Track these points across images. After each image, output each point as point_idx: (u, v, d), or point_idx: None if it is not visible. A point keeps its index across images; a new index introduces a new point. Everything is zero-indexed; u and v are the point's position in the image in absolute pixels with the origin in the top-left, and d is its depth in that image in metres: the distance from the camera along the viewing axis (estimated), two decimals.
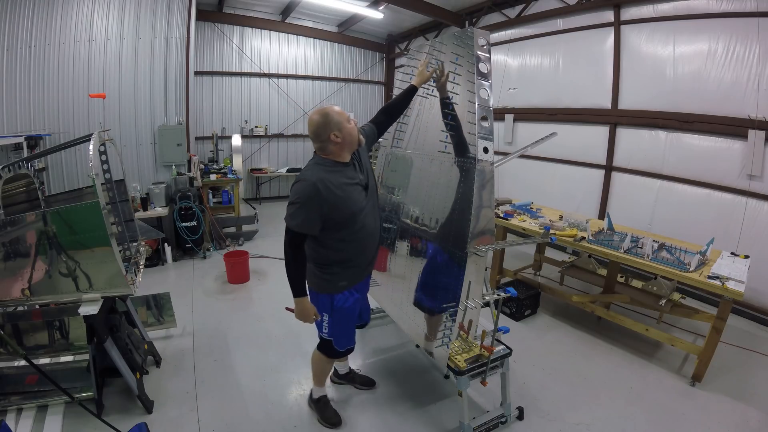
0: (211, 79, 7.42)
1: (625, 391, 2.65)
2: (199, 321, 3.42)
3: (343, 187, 1.81)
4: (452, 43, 2.21)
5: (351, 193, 1.84)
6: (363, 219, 1.90)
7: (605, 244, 3.08)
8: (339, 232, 1.87)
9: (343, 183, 1.82)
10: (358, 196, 1.87)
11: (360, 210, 1.87)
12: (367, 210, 1.92)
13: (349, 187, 1.83)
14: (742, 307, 3.66)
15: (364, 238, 1.95)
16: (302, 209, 1.74)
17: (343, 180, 1.82)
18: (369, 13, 6.85)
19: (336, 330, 2.05)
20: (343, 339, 2.10)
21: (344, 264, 1.96)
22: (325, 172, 1.79)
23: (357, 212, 1.86)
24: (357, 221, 1.88)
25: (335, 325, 2.04)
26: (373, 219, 1.99)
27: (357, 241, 1.93)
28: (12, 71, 4.24)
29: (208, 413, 2.37)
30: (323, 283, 1.98)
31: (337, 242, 1.89)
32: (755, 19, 3.54)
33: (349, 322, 2.10)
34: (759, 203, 3.64)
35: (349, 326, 2.12)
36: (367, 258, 2.05)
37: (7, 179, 2.45)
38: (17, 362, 2.52)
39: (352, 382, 2.64)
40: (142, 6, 4.77)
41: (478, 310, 2.08)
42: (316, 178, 1.75)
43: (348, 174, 1.86)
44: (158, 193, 4.83)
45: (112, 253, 2.04)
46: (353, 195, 1.85)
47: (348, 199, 1.82)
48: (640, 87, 4.50)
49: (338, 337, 2.07)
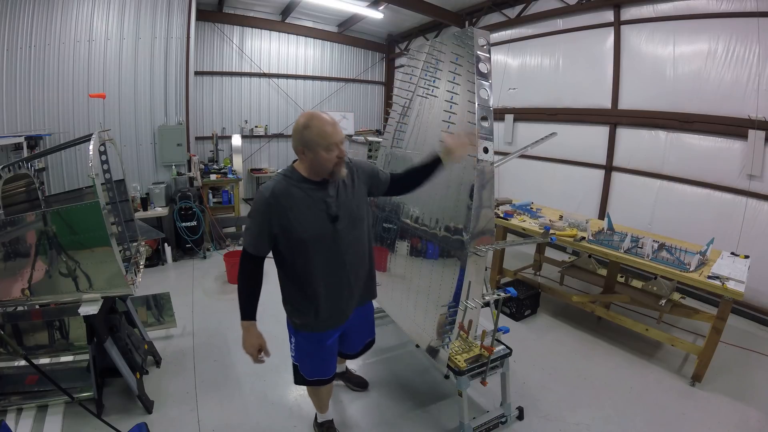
0: (211, 79, 7.42)
1: (625, 391, 2.65)
2: (199, 321, 3.42)
3: (301, 208, 1.57)
4: (452, 43, 2.21)
5: (308, 219, 1.58)
6: (319, 254, 1.62)
7: (605, 244, 3.08)
8: (287, 260, 1.65)
9: (304, 204, 1.58)
10: (317, 224, 1.60)
11: (314, 240, 1.60)
12: (328, 245, 1.63)
13: (308, 211, 1.58)
14: (742, 307, 3.66)
15: (318, 279, 1.65)
16: (253, 225, 1.59)
17: (304, 201, 1.58)
18: (369, 13, 6.85)
19: (300, 355, 1.86)
20: (308, 368, 1.87)
21: (295, 302, 1.74)
22: (287, 187, 1.58)
23: (309, 241, 1.59)
24: (309, 253, 1.61)
25: (299, 349, 1.85)
26: (336, 257, 1.66)
27: (309, 281, 1.66)
28: (12, 71, 4.24)
29: (208, 413, 2.37)
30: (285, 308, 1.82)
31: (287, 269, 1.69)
32: (755, 19, 3.54)
33: (315, 352, 1.85)
34: (759, 203, 3.64)
35: (315, 357, 1.86)
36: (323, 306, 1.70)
37: (7, 179, 2.45)
38: (17, 362, 2.52)
39: (346, 381, 2.63)
40: (142, 6, 4.76)
41: (478, 310, 2.08)
42: (271, 192, 1.55)
43: (316, 197, 1.60)
44: (158, 193, 4.83)
45: (112, 253, 2.04)
46: (310, 221, 1.58)
47: (300, 224, 1.57)
48: (640, 87, 4.50)
49: (303, 363, 1.87)
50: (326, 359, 1.90)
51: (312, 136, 1.52)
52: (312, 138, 1.52)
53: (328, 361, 1.91)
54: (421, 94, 2.51)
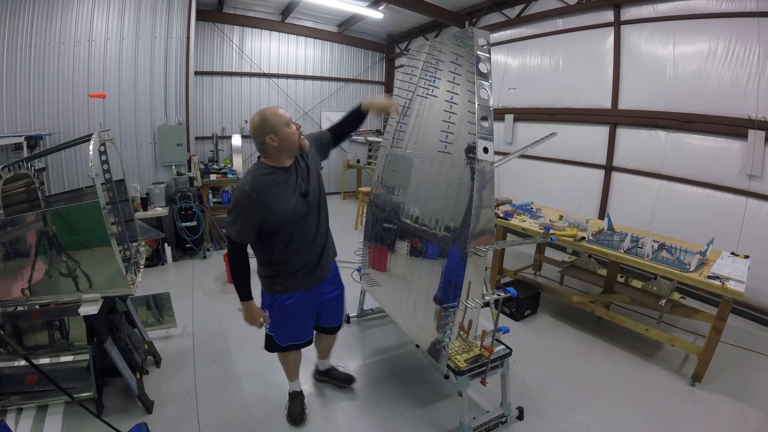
0: (211, 79, 7.42)
1: (625, 391, 2.65)
2: (199, 321, 3.42)
3: (278, 195, 1.81)
4: (452, 43, 2.21)
5: (286, 202, 1.84)
6: (298, 228, 1.90)
7: (605, 244, 3.08)
8: (271, 237, 1.88)
9: (279, 191, 1.82)
10: (294, 205, 1.86)
11: (294, 219, 1.87)
12: (303, 219, 1.91)
13: (285, 195, 1.84)
14: (742, 307, 3.66)
15: (299, 247, 1.94)
16: (238, 219, 1.79)
17: (279, 187, 1.82)
18: (369, 13, 6.85)
19: (276, 326, 2.07)
20: (285, 335, 2.10)
21: (278, 269, 1.97)
22: (261, 179, 1.80)
23: (291, 221, 1.86)
24: (290, 230, 1.88)
25: (275, 320, 2.06)
26: (312, 227, 1.98)
27: (290, 249, 1.93)
28: (12, 71, 4.24)
29: (208, 413, 2.37)
30: (262, 281, 2.04)
31: (271, 247, 1.92)
32: (755, 19, 3.54)
33: (292, 319, 2.08)
34: (759, 203, 3.64)
35: (292, 323, 2.10)
36: (303, 265, 2.00)
37: (7, 179, 2.45)
38: (17, 362, 2.52)
39: (331, 378, 2.63)
40: (142, 6, 4.76)
41: (478, 310, 2.08)
42: (251, 186, 1.76)
43: (286, 181, 1.86)
44: (158, 193, 4.83)
45: (112, 253, 2.04)
46: (289, 203, 1.85)
47: (282, 208, 1.82)
48: (640, 87, 4.50)
49: (279, 332, 2.09)
50: (304, 322, 2.15)
51: (271, 121, 1.78)
52: (272, 122, 1.78)
53: (305, 324, 2.16)
54: (421, 94, 2.51)
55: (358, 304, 3.44)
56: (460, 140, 2.05)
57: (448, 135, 2.15)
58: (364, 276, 3.08)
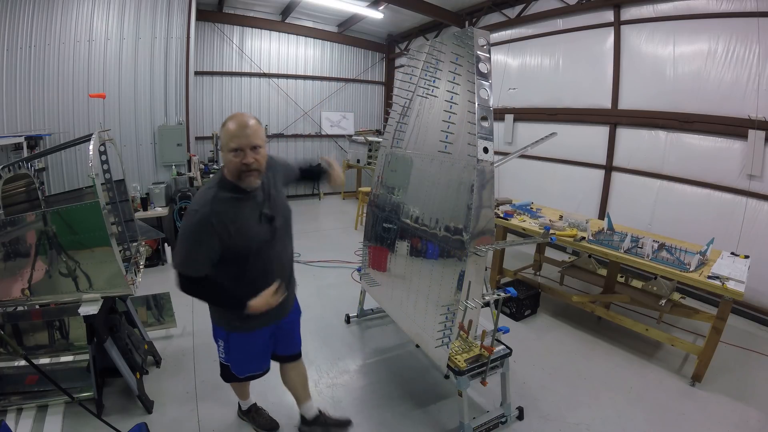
0: (211, 79, 7.42)
1: (625, 391, 2.65)
2: (199, 321, 3.42)
3: (240, 220, 1.55)
4: (452, 43, 2.21)
5: (250, 227, 1.58)
6: (259, 258, 1.64)
7: (605, 244, 3.08)
8: (230, 268, 1.61)
9: (242, 213, 1.56)
10: (258, 230, 1.61)
11: (257, 248, 1.62)
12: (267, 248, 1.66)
13: (248, 220, 1.58)
14: (742, 307, 3.66)
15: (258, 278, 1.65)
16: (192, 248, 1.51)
17: (242, 209, 1.56)
18: (369, 13, 6.85)
19: (233, 356, 1.87)
20: (243, 365, 1.91)
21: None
22: (223, 200, 1.53)
23: (253, 250, 1.61)
24: (250, 260, 1.62)
25: (231, 351, 1.85)
26: (278, 255, 1.75)
27: (254, 282, 1.63)
28: (12, 71, 4.24)
29: (208, 413, 2.37)
30: (216, 313, 1.83)
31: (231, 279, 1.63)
32: (755, 19, 3.54)
33: (252, 350, 1.87)
34: (759, 203, 3.64)
35: (250, 353, 1.88)
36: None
37: (7, 179, 2.45)
38: (17, 362, 2.52)
39: (324, 427, 2.15)
40: (142, 6, 4.77)
41: (478, 310, 2.08)
42: (211, 210, 1.48)
43: (251, 202, 1.60)
44: (158, 193, 4.83)
45: (112, 253, 2.05)
46: (252, 229, 1.59)
47: (244, 234, 1.55)
48: (640, 87, 4.50)
49: (236, 363, 1.89)
50: (262, 355, 1.94)
51: (223, 136, 1.51)
52: (222, 138, 1.51)
53: (264, 356, 1.96)
54: (421, 94, 2.51)
55: (358, 304, 3.44)
56: (460, 140, 2.05)
57: (448, 135, 2.15)
58: (364, 276, 3.08)
